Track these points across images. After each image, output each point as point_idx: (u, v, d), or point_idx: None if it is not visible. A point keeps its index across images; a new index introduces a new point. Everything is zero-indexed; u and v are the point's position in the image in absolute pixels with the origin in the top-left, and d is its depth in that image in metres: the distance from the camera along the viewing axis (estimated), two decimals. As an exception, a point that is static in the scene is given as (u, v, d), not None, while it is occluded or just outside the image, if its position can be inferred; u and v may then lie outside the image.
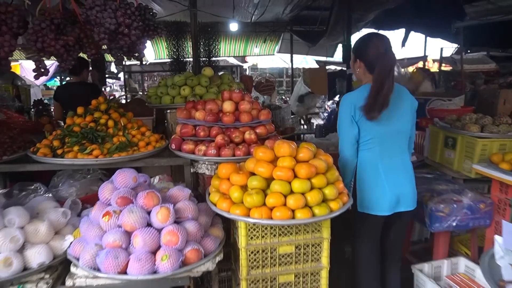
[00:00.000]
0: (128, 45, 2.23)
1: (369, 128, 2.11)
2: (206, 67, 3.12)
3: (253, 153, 2.05)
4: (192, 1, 5.16)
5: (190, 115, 2.56)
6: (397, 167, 2.20)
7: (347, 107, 2.13)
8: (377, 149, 2.15)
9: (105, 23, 2.07)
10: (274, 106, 4.18)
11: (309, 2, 8.40)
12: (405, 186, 2.22)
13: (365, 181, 2.17)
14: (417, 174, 3.28)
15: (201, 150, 2.36)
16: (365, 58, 2.13)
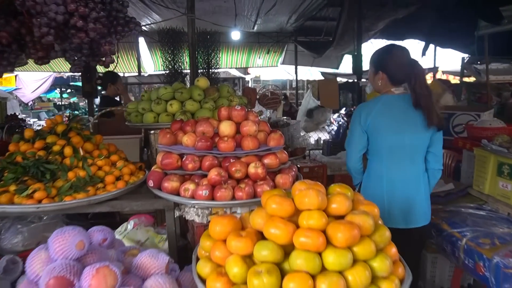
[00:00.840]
0: (88, 44, 1.56)
1: (378, 139, 2.07)
2: (200, 77, 2.45)
3: (261, 199, 1.37)
4: (189, 6, 4.53)
5: (175, 139, 1.88)
6: (405, 181, 2.10)
7: (358, 115, 2.11)
8: (384, 160, 2.10)
9: (48, 12, 1.40)
10: (282, 122, 3.51)
11: (315, 12, 7.84)
12: (413, 202, 2.11)
13: (366, 191, 2.16)
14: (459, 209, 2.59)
15: (188, 189, 1.67)
16: (389, 69, 2.07)
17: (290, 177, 1.78)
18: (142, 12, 6.99)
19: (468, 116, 4.73)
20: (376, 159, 2.14)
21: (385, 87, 2.12)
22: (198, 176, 1.78)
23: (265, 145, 1.86)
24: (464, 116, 4.76)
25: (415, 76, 1.97)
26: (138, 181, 1.88)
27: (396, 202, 2.08)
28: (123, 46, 9.00)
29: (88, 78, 5.77)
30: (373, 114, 2.05)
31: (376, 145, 2.10)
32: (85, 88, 5.78)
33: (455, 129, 4.88)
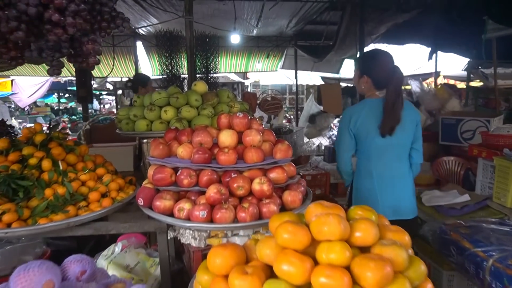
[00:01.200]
0: (68, 43, 1.33)
1: (368, 140, 2.13)
2: (197, 81, 2.22)
3: (270, 225, 1.14)
4: (187, 7, 4.32)
5: (169, 151, 1.65)
6: (393, 177, 2.20)
7: (346, 119, 2.17)
8: (373, 160, 2.17)
9: (18, 3, 1.18)
10: (285, 129, 3.29)
11: (315, 16, 7.66)
12: (402, 196, 2.24)
13: (359, 189, 2.24)
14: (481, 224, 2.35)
15: (183, 209, 1.44)
16: (373, 74, 2.13)
17: (299, 194, 1.55)
18: (139, 15, 6.78)
19: (477, 122, 4.53)
20: (365, 159, 2.21)
21: (369, 91, 2.20)
22: (195, 193, 1.55)
23: (271, 158, 1.64)
24: (472, 122, 4.56)
25: (396, 81, 2.07)
26: (127, 198, 1.65)
27: (387, 197, 2.19)
28: (120, 51, 8.79)
29: (82, 83, 5.56)
30: (362, 117, 2.13)
31: (365, 146, 2.17)
32: (80, 92, 5.57)
33: (463, 135, 4.67)
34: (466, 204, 2.77)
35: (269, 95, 4.66)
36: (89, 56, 1.42)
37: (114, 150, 3.19)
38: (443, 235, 2.34)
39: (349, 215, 1.18)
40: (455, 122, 4.66)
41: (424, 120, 4.90)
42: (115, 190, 1.65)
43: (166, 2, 6.21)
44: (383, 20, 6.98)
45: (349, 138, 2.17)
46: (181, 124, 1.98)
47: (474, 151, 3.02)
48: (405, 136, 2.17)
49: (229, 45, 8.63)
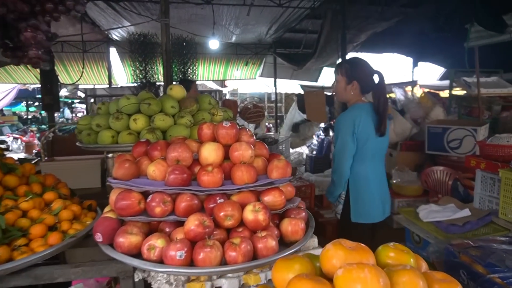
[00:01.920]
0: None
1: (367, 144, 2.18)
2: (174, 85, 1.88)
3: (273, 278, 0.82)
4: (163, 10, 3.98)
5: (137, 170, 1.30)
6: (382, 177, 2.36)
7: (349, 124, 2.16)
8: (368, 162, 2.24)
9: None
10: (270, 139, 2.98)
11: (295, 23, 7.48)
12: (387, 194, 2.40)
13: (359, 192, 2.24)
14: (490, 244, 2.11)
15: (154, 248, 1.09)
16: (361, 79, 2.19)
17: (301, 222, 1.24)
18: (113, 19, 6.37)
19: (464, 131, 4.39)
20: (361, 163, 2.23)
21: (356, 96, 2.24)
22: (171, 224, 1.21)
23: (265, 177, 1.32)
24: (459, 131, 4.42)
25: (381, 83, 2.19)
26: (84, 230, 1.28)
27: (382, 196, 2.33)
28: (92, 57, 8.31)
29: (48, 89, 5.08)
30: (363, 121, 2.16)
31: (363, 150, 2.20)
32: (45, 100, 5.08)
33: (450, 144, 4.52)
34: (468, 220, 2.53)
35: (251, 103, 4.35)
36: (28, 48, 1.06)
37: (78, 165, 2.79)
38: (451, 258, 2.08)
39: (379, 258, 0.87)
40: (441, 130, 4.52)
41: (410, 129, 4.73)
42: (68, 220, 1.28)
43: (140, 6, 5.84)
44: (363, 28, 6.88)
45: (353, 144, 2.17)
46: (153, 136, 1.63)
47: (471, 162, 2.81)
48: (387, 140, 2.35)
49: (207, 52, 8.31)
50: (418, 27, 5.45)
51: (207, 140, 1.34)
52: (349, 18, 6.25)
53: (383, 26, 6.81)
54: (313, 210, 4.62)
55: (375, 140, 2.21)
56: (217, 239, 1.15)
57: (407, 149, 4.96)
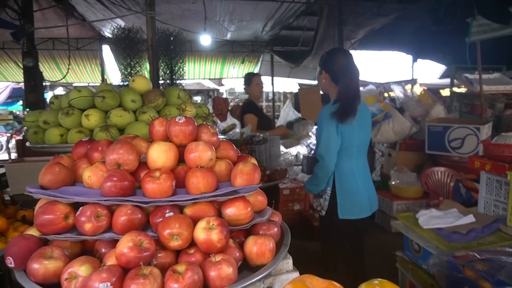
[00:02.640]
0: None
1: (350, 138, 2.15)
2: (136, 76, 1.63)
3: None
4: (148, 2, 3.74)
5: (72, 176, 1.05)
6: (366, 171, 2.33)
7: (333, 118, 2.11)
8: (354, 157, 2.22)
9: None
10: (258, 138, 2.74)
11: (291, 20, 7.21)
12: (372, 188, 2.36)
13: (346, 188, 2.20)
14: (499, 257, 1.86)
15: (75, 277, 0.84)
16: (330, 69, 2.19)
17: (270, 242, 0.98)
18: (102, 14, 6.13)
19: (466, 130, 4.13)
20: (346, 157, 2.19)
21: (329, 87, 2.22)
22: (107, 244, 0.96)
23: (229, 184, 1.07)
24: (461, 130, 4.15)
25: (349, 74, 2.15)
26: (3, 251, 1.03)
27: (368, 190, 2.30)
28: (85, 54, 8.08)
29: (32, 87, 4.84)
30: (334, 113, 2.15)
31: (349, 144, 2.17)
32: (28, 98, 4.84)
33: (451, 143, 4.25)
34: (473, 227, 2.28)
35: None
36: None
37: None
38: (454, 272, 1.82)
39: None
40: (442, 129, 4.25)
41: (409, 128, 4.47)
42: (-15, 236, 1.03)
43: (130, 1, 5.60)
44: (361, 24, 6.62)
45: (338, 138, 2.12)
46: (107, 134, 1.38)
47: (475, 163, 2.55)
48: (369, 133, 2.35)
49: (202, 50, 8.06)
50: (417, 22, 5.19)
51: (160, 139, 1.09)
52: (346, 13, 6.00)
53: (381, 22, 6.56)
54: (307, 213, 4.37)
55: (359, 135, 2.19)
56: (162, 264, 0.90)
57: (406, 149, 4.70)
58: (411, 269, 2.57)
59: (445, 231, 2.34)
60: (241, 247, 0.99)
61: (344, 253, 2.35)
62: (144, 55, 4.47)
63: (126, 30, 4.21)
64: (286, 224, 1.22)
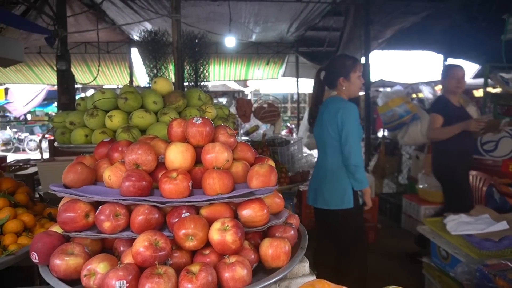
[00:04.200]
0: None
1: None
2: (158, 78, 1.66)
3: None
4: (174, 5, 3.81)
5: (93, 176, 1.09)
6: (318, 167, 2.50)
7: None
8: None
9: None
10: (280, 140, 2.72)
11: (317, 20, 7.14)
12: (320, 184, 2.41)
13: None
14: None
15: (94, 274, 0.86)
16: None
17: (286, 245, 0.97)
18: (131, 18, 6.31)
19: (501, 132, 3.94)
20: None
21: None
22: (125, 242, 0.98)
23: (245, 185, 1.06)
24: (495, 132, 3.96)
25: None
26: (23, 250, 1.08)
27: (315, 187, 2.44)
28: (115, 58, 8.35)
29: (65, 89, 5.04)
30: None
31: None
32: (61, 99, 5.04)
33: (484, 146, 4.06)
34: (506, 234, 2.17)
35: (266, 102, 4.10)
36: None
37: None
38: (484, 281, 1.74)
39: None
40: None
41: (439, 130, 4.31)
42: (14, 233, 1.08)
43: (157, 4, 5.74)
44: (388, 23, 6.46)
45: None
46: (129, 135, 1.42)
47: (510, 167, 2.43)
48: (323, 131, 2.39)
49: (228, 52, 8.13)
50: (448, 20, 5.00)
51: (178, 140, 1.11)
52: (373, 13, 5.86)
53: (410, 20, 6.36)
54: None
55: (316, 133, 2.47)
56: (177, 264, 0.91)
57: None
58: (438, 277, 2.47)
59: (475, 237, 2.24)
60: (256, 249, 0.98)
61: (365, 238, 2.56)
62: (169, 57, 4.55)
63: (152, 33, 4.29)
64: (304, 226, 1.21)
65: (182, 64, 3.90)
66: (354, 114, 2.25)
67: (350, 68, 2.30)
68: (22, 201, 1.25)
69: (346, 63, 2.31)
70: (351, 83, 2.29)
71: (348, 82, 2.29)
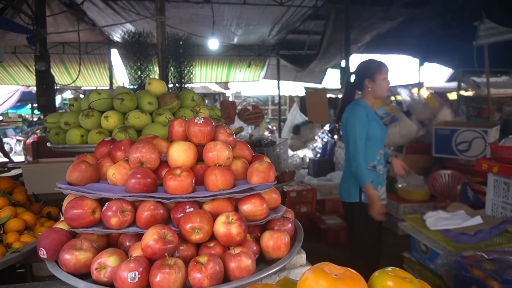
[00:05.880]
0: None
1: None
2: (153, 79, 1.70)
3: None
4: (159, 7, 3.82)
5: (96, 174, 1.12)
6: None
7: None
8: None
9: None
10: (267, 141, 2.79)
11: (298, 24, 7.29)
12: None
13: None
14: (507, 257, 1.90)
15: (104, 267, 0.90)
16: None
17: (285, 236, 1.04)
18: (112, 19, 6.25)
19: (474, 133, 4.15)
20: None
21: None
22: (131, 237, 1.02)
23: (245, 182, 1.12)
24: (468, 133, 4.18)
25: None
26: (33, 243, 1.10)
27: None
28: (94, 58, 8.22)
29: (44, 90, 4.94)
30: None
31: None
32: (41, 101, 4.94)
33: (458, 147, 4.28)
34: (480, 228, 2.31)
35: (250, 104, 4.17)
36: None
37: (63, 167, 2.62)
38: (462, 272, 1.86)
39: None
40: (449, 132, 4.28)
41: (416, 131, 4.51)
42: (16, 231, 1.10)
43: (139, 5, 5.71)
44: (367, 28, 6.67)
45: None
46: (126, 135, 1.45)
47: (483, 166, 2.58)
48: None
49: (209, 54, 8.16)
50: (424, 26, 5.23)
51: (179, 139, 1.15)
52: (353, 18, 6.06)
53: (388, 26, 6.61)
54: (314, 216, 4.41)
55: None
56: (184, 256, 0.96)
57: (413, 152, 4.73)
58: (418, 270, 2.60)
59: (452, 232, 2.38)
60: (257, 242, 1.04)
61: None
62: (153, 59, 4.55)
63: (136, 34, 4.28)
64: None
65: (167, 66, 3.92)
66: (357, 115, 2.38)
67: (375, 70, 2.42)
68: (21, 200, 1.26)
69: (372, 66, 2.45)
70: (376, 85, 2.42)
71: (374, 83, 2.42)
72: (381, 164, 2.47)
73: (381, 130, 2.45)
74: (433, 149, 4.42)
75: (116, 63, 8.25)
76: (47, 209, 1.29)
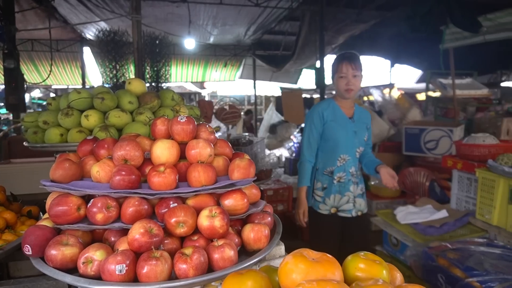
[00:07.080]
0: None
1: None
2: (133, 79, 1.72)
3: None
4: (134, 5, 3.80)
5: (80, 171, 1.14)
6: None
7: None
8: None
9: None
10: (245, 140, 2.85)
11: (274, 24, 7.39)
12: None
13: None
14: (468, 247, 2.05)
15: (91, 261, 0.93)
16: None
17: (265, 229, 1.10)
18: (84, 17, 6.12)
19: (440, 132, 4.38)
20: None
21: None
22: (116, 232, 1.05)
23: (226, 178, 1.18)
24: (436, 132, 4.41)
25: None
26: (16, 241, 1.11)
27: None
28: (65, 56, 8.00)
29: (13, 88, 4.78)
30: None
31: None
32: (9, 100, 4.77)
33: (426, 145, 4.50)
34: (446, 221, 2.47)
35: (227, 104, 4.21)
36: None
37: (36, 167, 2.59)
38: (429, 261, 1.99)
39: (347, 272, 0.74)
40: (418, 132, 4.49)
41: (388, 130, 4.70)
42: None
43: (114, 3, 5.62)
44: (341, 30, 6.86)
45: None
46: (107, 134, 1.47)
47: (448, 162, 2.75)
48: None
49: (185, 53, 8.12)
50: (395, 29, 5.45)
51: (162, 137, 1.19)
52: (327, 20, 6.21)
53: (361, 28, 6.82)
54: (290, 213, 4.51)
55: None
56: (169, 249, 1.00)
57: (385, 150, 4.92)
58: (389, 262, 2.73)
59: (420, 225, 2.52)
60: (239, 234, 1.10)
61: None
62: (129, 58, 4.51)
63: (112, 33, 4.23)
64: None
65: (143, 65, 3.90)
66: (309, 113, 2.31)
67: (333, 68, 2.27)
68: (0, 199, 1.25)
69: (332, 64, 2.28)
70: (335, 84, 2.25)
71: (334, 82, 2.27)
72: (345, 172, 2.24)
73: (346, 133, 2.21)
74: (403, 148, 4.62)
75: (89, 62, 8.06)
76: (27, 208, 1.30)
